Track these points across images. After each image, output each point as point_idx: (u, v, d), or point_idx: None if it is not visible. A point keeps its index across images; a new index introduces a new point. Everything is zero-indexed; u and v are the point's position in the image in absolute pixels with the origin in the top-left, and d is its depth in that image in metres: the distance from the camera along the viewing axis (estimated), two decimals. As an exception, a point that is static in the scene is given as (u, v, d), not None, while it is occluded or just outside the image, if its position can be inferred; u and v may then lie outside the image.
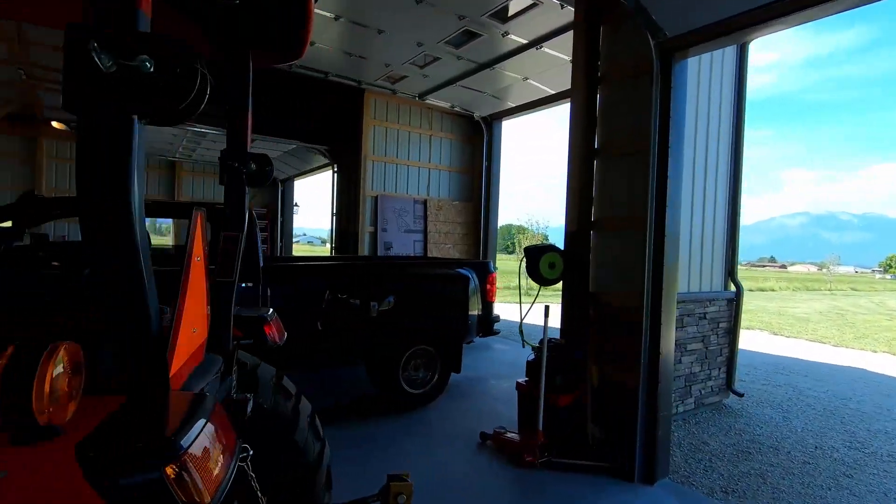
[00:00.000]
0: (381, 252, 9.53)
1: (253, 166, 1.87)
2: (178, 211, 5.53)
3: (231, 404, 1.63)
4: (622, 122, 4.12)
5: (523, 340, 4.30)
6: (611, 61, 4.25)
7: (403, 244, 9.87)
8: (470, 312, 5.76)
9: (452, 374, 5.54)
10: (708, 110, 5.49)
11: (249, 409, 1.67)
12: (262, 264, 4.66)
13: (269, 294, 4.63)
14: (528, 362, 4.34)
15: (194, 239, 1.08)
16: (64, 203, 4.97)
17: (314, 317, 4.85)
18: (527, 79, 7.92)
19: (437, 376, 5.40)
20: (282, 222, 14.87)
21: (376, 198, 9.54)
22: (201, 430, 0.82)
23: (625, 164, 4.10)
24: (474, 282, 5.85)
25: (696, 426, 5.10)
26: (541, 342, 4.11)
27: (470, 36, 6.46)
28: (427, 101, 9.41)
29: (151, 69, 0.79)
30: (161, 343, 0.92)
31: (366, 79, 8.45)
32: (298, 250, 24.96)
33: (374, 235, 9.53)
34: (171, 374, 0.97)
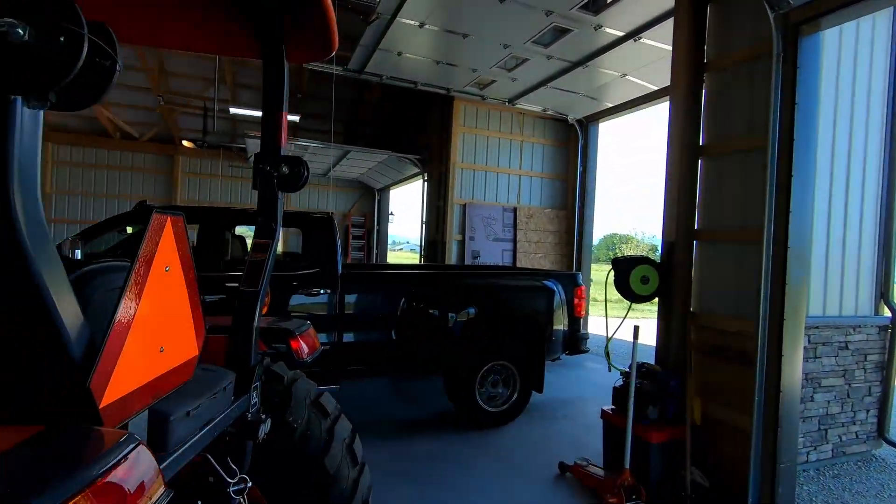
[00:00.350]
0: (468, 261, 9.37)
1: (285, 169, 1.75)
2: (292, 220, 6.04)
3: (243, 426, 1.51)
4: (734, 114, 3.51)
5: (609, 363, 3.82)
6: (720, 44, 3.66)
7: (491, 253, 9.62)
8: (554, 327, 5.35)
9: (534, 393, 5.15)
10: (852, 92, 4.53)
11: (263, 433, 1.54)
12: (340, 272, 4.72)
13: (344, 301, 4.66)
14: (614, 388, 3.85)
15: (155, 247, 0.95)
16: (195, 213, 5.50)
17: (389, 325, 4.79)
18: (625, 75, 7.29)
19: (516, 395, 5.05)
20: (378, 231, 15.41)
21: (464, 206, 9.41)
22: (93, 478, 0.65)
23: (737, 164, 3.48)
24: (560, 295, 5.43)
25: (833, 480, 4.17)
26: (630, 367, 3.61)
27: (559, 33, 6.08)
28: (518, 106, 9.11)
29: (26, 37, 0.65)
30: (84, 365, 0.78)
31: (454, 86, 8.39)
32: (399, 258, 25.83)
33: (461, 244, 9.41)
34: (108, 401, 0.83)
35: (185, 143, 12.16)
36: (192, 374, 1.20)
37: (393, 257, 23.97)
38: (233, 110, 10.79)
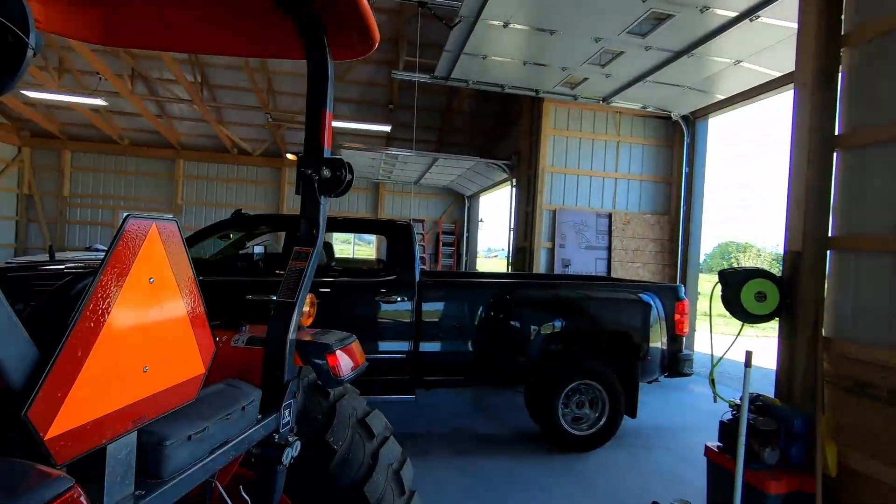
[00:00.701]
0: (558, 270, 8.91)
1: (326, 173, 1.64)
2: (373, 227, 6.11)
3: (266, 449, 1.40)
4: (883, 95, 2.83)
5: (714, 392, 3.28)
6: (862, 10, 2.99)
7: (583, 262, 9.05)
8: (651, 346, 4.80)
9: (626, 418, 4.65)
10: None
11: (289, 457, 1.42)
12: (417, 279, 4.65)
13: (421, 309, 4.57)
14: (721, 423, 3.29)
15: (133, 256, 0.86)
16: (266, 220, 5.83)
17: (467, 336, 4.62)
18: (739, 62, 6.44)
19: (604, 418, 4.59)
20: (468, 237, 15.36)
21: (554, 212, 8.97)
22: None
23: (888, 156, 2.81)
24: (658, 309, 4.87)
25: None
26: (742, 398, 3.05)
27: (659, 19, 5.51)
28: (613, 105, 8.50)
29: None
30: (23, 392, 0.69)
31: (543, 87, 8.04)
32: (492, 266, 25.61)
33: (550, 252, 8.98)
34: (57, 432, 0.74)
35: (289, 156, 13.09)
36: (196, 394, 1.10)
37: (487, 265, 23.84)
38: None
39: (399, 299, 4.56)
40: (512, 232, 10.09)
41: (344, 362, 1.77)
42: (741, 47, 6.04)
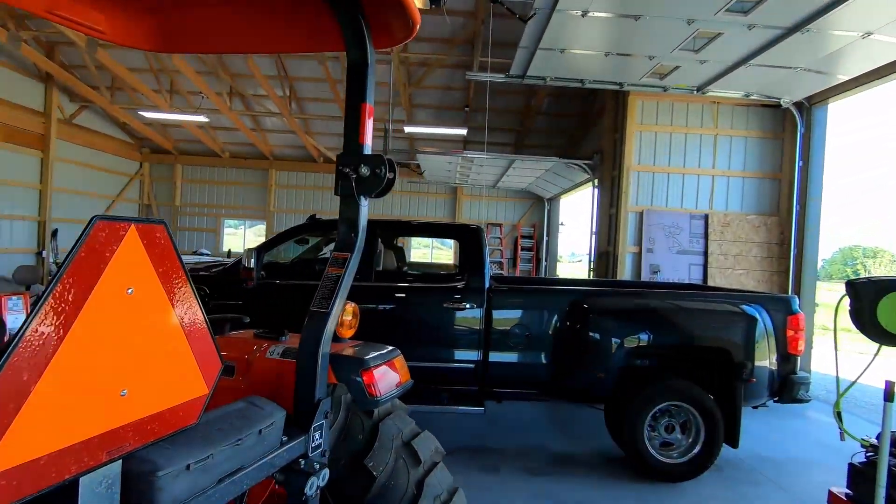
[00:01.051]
0: (645, 276, 8.22)
1: (365, 171, 1.49)
2: (443, 231, 6.02)
3: (289, 476, 1.26)
4: None
5: (841, 428, 2.70)
6: None
7: (675, 268, 8.28)
8: (756, 365, 4.17)
9: (726, 447, 4.07)
10: None
11: (315, 487, 1.27)
12: (487, 285, 4.43)
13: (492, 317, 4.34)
14: (852, 466, 2.72)
15: (103, 264, 0.74)
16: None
17: (541, 346, 4.31)
18: (869, 34, 5.48)
19: (699, 445, 4.05)
20: (547, 242, 14.82)
21: (641, 213, 8.30)
22: None
23: None
24: (765, 323, 4.23)
25: None
26: (880, 437, 2.48)
27: (765, -8, 4.83)
28: (709, 94, 7.68)
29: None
30: None
31: (629, 79, 7.46)
32: (573, 272, 24.60)
33: (637, 256, 8.31)
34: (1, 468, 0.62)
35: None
36: (197, 417, 0.98)
37: (569, 270, 22.91)
38: (407, 129, 11.54)
39: (468, 306, 4.38)
40: (594, 236, 9.51)
41: (383, 380, 1.60)
42: (871, 17, 5.13)
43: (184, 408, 0.94)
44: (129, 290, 0.80)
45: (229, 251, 12.52)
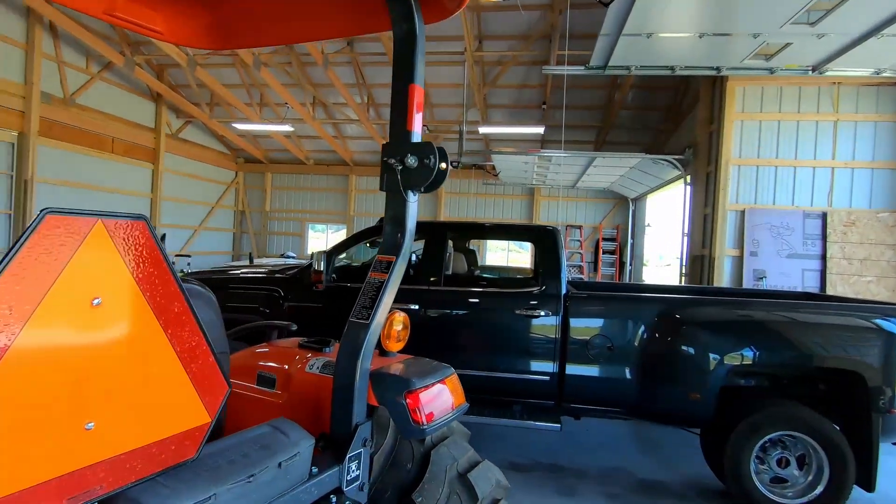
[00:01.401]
0: (748, 283, 7.33)
1: (412, 161, 1.29)
2: (518, 233, 5.65)
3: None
4: None
5: None
6: None
7: (786, 274, 7.29)
8: (898, 393, 3.44)
9: (858, 489, 3.40)
10: None
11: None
12: (564, 291, 4.09)
13: (568, 327, 3.98)
14: None
15: (57, 269, 0.59)
16: (421, 227, 5.84)
17: (624, 360, 3.89)
18: None
19: (822, 486, 3.41)
20: (632, 245, 13.87)
21: (742, 212, 7.42)
22: None
23: None
24: (907, 343, 3.49)
25: None
26: None
27: (906, -56, 4.02)
28: (828, 74, 6.67)
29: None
30: None
31: (727, 62, 6.68)
32: (661, 277, 22.88)
33: (738, 261, 7.43)
34: None
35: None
36: (196, 451, 0.82)
37: (657, 275, 21.35)
38: (482, 130, 11.33)
39: (543, 313, 4.06)
40: (685, 237, 8.68)
41: (431, 405, 1.37)
42: None
43: (177, 440, 0.79)
44: (96, 301, 0.66)
45: (311, 254, 13.08)
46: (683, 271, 8.72)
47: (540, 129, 10.74)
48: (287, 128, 12.38)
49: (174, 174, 13.33)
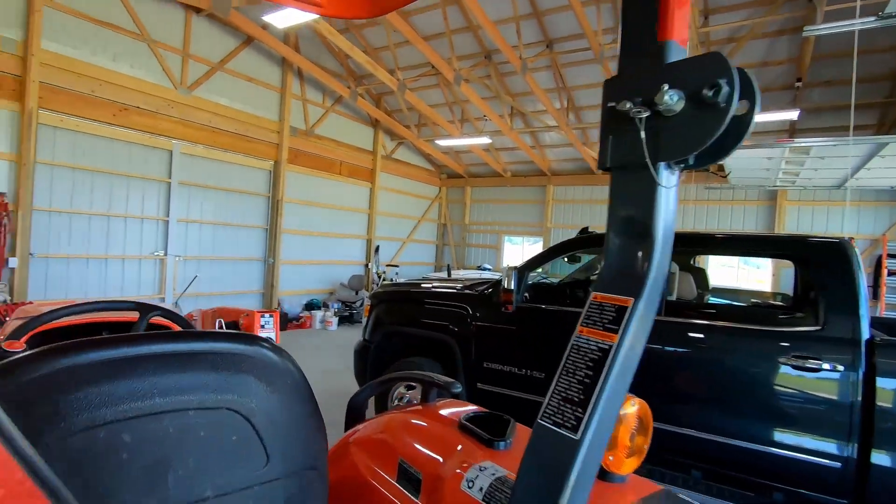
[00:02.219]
0: None
1: (671, 98, 0.60)
2: (778, 247, 3.91)
3: None
4: None
5: None
6: None
7: None
8: None
9: None
10: None
11: None
12: (867, 336, 2.72)
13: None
14: None
15: None
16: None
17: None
18: None
19: None
20: None
21: None
22: None
23: None
24: None
25: None
26: None
27: None
28: None
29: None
30: None
31: None
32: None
33: None
34: None
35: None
36: None
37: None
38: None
39: (826, 367, 2.77)
40: None
41: None
42: None
43: None
44: None
45: (507, 267, 12.84)
46: None
47: (791, 115, 8.45)
48: (485, 140, 12.47)
49: (388, 191, 14.71)
